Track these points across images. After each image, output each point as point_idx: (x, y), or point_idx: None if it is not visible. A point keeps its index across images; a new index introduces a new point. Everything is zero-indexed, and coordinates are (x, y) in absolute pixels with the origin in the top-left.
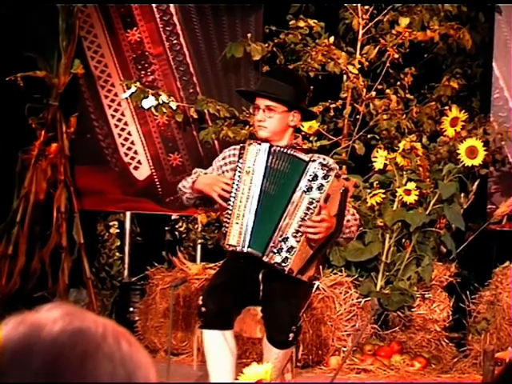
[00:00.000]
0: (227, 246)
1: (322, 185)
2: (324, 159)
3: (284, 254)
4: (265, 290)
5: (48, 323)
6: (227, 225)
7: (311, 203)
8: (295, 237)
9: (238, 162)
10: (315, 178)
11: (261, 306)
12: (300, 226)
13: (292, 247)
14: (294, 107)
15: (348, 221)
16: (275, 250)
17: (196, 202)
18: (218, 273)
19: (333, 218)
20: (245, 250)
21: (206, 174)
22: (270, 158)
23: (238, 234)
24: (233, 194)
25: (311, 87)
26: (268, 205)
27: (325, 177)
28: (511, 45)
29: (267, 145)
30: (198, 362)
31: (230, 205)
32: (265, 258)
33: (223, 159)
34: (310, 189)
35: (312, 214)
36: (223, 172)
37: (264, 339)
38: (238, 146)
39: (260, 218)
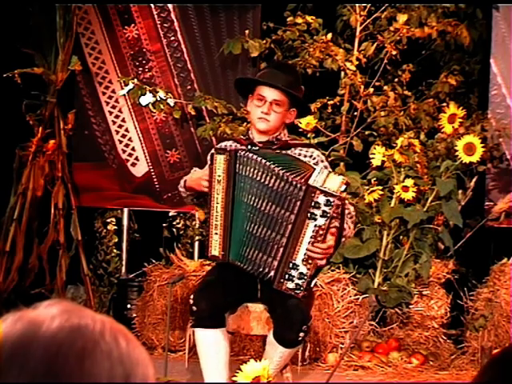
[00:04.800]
0: (211, 257)
1: (325, 212)
2: (307, 151)
3: (296, 282)
4: (266, 290)
5: (46, 320)
6: (208, 236)
7: (317, 229)
8: (305, 264)
9: (210, 171)
10: (317, 204)
11: (264, 305)
12: (308, 251)
13: (303, 273)
14: (299, 103)
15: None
16: (286, 278)
17: (193, 199)
18: (211, 270)
19: (336, 237)
20: (226, 259)
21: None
22: (238, 164)
23: (219, 245)
24: (209, 205)
25: (303, 88)
26: (242, 213)
27: (327, 202)
28: (509, 41)
29: (233, 151)
30: (193, 360)
31: (208, 215)
32: (275, 285)
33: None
34: (313, 215)
35: (319, 241)
36: None
37: (269, 337)
38: (223, 143)
39: (236, 226)
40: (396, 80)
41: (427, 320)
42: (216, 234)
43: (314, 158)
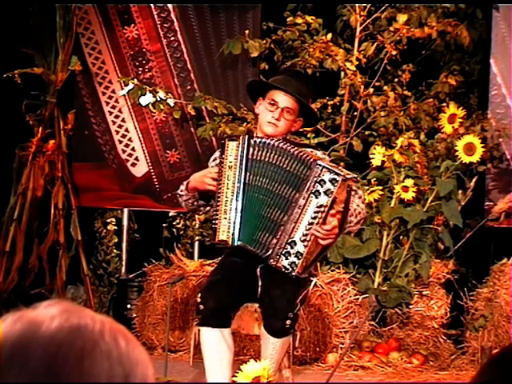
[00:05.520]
0: (218, 242)
1: (329, 190)
2: (312, 151)
3: (292, 259)
4: (263, 285)
5: (45, 320)
6: (216, 221)
7: (319, 207)
8: (303, 241)
9: (220, 158)
10: (322, 182)
11: (259, 301)
12: (308, 230)
13: (299, 252)
14: (305, 113)
15: (355, 209)
16: (282, 254)
17: (194, 202)
18: (215, 270)
19: (340, 220)
20: (235, 243)
21: None
22: (251, 150)
23: (227, 229)
24: (218, 190)
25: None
26: (256, 196)
27: (332, 181)
28: (509, 41)
29: (246, 137)
30: (195, 359)
31: (217, 201)
32: (271, 262)
33: (213, 160)
34: (317, 193)
35: (320, 219)
36: None
37: (261, 330)
38: None
39: (248, 210)
40: (396, 80)
41: (427, 320)
42: (225, 218)
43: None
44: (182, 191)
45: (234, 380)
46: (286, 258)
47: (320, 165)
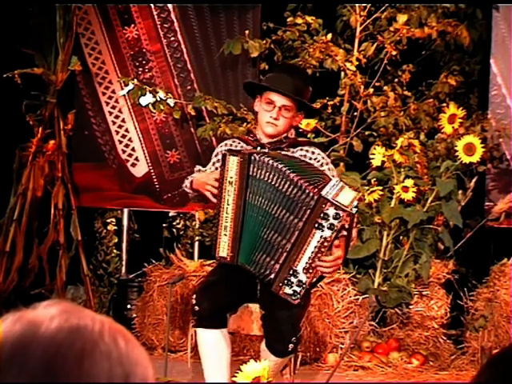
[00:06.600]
0: (218, 258)
1: (333, 224)
2: (313, 153)
3: (294, 288)
4: (263, 293)
5: (45, 321)
6: (216, 236)
7: (322, 240)
8: (306, 273)
9: (221, 171)
10: (326, 216)
11: (260, 308)
12: (310, 261)
13: (302, 281)
14: (306, 106)
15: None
16: (285, 283)
17: (199, 197)
18: (212, 271)
19: (344, 248)
20: (235, 262)
21: (204, 170)
22: (252, 167)
23: (227, 246)
24: (219, 204)
25: (310, 88)
26: (255, 216)
27: (336, 215)
28: (509, 41)
29: (246, 154)
30: (194, 360)
31: (217, 216)
32: (273, 288)
33: (215, 156)
34: (320, 226)
35: (323, 252)
36: (216, 169)
37: (262, 345)
38: (229, 141)
39: (247, 229)
40: (396, 80)
41: (427, 320)
42: (225, 235)
43: (319, 161)
44: (187, 188)
45: (234, 380)
46: (290, 287)
47: (324, 198)
